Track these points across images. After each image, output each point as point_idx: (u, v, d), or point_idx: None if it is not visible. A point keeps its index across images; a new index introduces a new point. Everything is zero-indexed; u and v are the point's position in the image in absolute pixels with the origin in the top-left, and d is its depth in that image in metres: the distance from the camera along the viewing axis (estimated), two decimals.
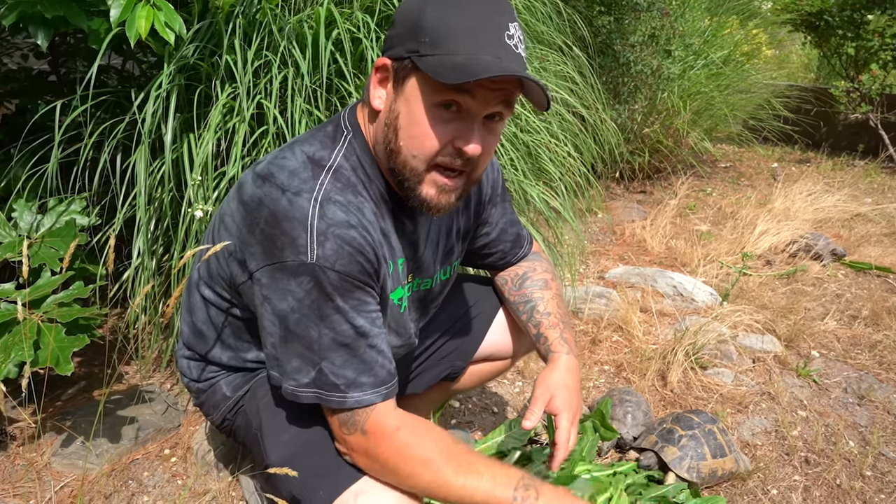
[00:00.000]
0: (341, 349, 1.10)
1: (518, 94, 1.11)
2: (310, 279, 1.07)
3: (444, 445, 1.12)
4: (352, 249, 1.09)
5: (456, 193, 1.15)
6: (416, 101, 1.07)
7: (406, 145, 1.10)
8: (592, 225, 4.14)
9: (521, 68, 1.06)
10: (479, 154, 1.09)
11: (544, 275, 1.58)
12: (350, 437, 1.13)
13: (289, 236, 1.07)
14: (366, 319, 1.12)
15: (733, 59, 5.37)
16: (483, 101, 1.06)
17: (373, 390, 1.12)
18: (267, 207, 1.10)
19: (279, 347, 1.13)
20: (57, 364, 1.69)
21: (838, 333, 2.84)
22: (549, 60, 2.68)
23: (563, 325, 1.49)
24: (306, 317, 1.09)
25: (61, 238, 1.99)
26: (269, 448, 1.23)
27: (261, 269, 1.11)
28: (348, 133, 1.20)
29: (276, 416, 1.24)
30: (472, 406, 2.26)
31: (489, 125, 1.11)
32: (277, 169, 1.14)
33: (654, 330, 2.79)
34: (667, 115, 4.74)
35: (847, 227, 4.26)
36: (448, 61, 1.02)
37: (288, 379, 1.14)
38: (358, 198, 1.15)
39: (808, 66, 8.72)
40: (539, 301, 1.52)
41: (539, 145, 2.39)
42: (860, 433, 2.17)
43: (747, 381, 2.43)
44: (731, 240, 3.85)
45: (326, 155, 1.16)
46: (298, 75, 1.92)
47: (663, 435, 1.90)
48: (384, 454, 1.11)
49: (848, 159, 6.21)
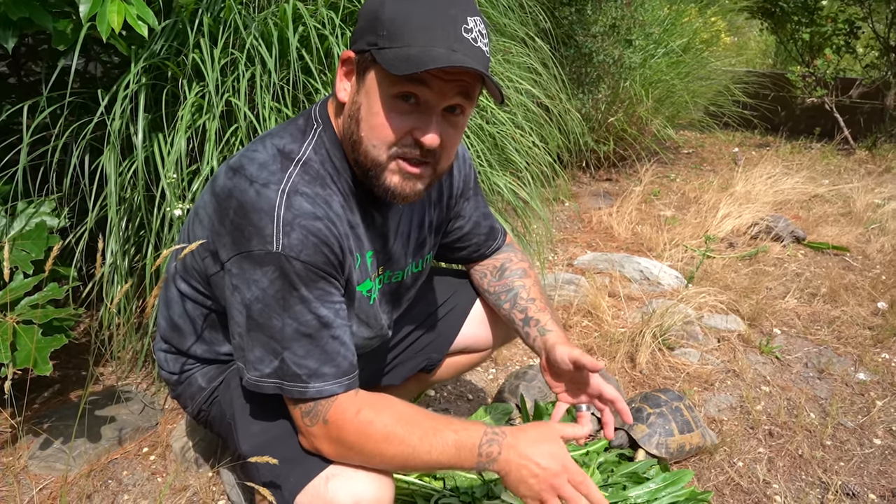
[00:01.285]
0: (304, 339, 1.13)
1: (478, 87, 1.13)
2: (275, 268, 1.10)
3: (405, 416, 1.14)
4: (317, 240, 1.11)
5: (422, 182, 1.17)
6: (375, 93, 1.10)
7: (366, 136, 1.13)
8: (560, 213, 4.21)
9: (479, 61, 1.07)
10: (436, 145, 1.11)
11: (521, 264, 1.61)
12: (313, 428, 1.15)
13: (256, 226, 1.10)
14: (329, 310, 1.14)
15: (693, 47, 5.48)
16: (440, 92, 1.08)
17: (335, 381, 1.14)
18: (236, 199, 1.13)
19: (244, 337, 1.16)
20: (35, 365, 1.69)
21: (799, 311, 2.94)
22: (513, 52, 2.72)
23: (551, 310, 1.52)
24: (269, 307, 1.11)
25: (32, 240, 1.98)
26: (241, 437, 1.26)
27: (230, 259, 1.14)
28: (318, 126, 1.22)
29: (248, 405, 1.27)
30: (447, 394, 2.30)
31: (450, 118, 1.13)
32: (248, 161, 1.17)
33: (622, 314, 2.86)
34: (630, 103, 4.83)
35: (806, 209, 4.39)
36: (402, 54, 1.05)
37: (251, 369, 1.16)
38: (326, 190, 1.18)
39: (767, 52, 8.91)
40: (521, 289, 1.56)
41: (505, 136, 2.44)
42: (820, 405, 2.27)
43: (713, 360, 2.51)
44: (695, 224, 3.95)
45: (296, 148, 1.19)
46: (266, 72, 1.94)
47: (632, 413, 1.96)
48: (348, 438, 1.13)
49: (805, 142, 6.38)
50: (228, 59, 1.96)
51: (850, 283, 3.23)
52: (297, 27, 2.00)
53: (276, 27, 1.98)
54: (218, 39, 1.92)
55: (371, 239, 1.29)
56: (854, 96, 6.27)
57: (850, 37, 6.03)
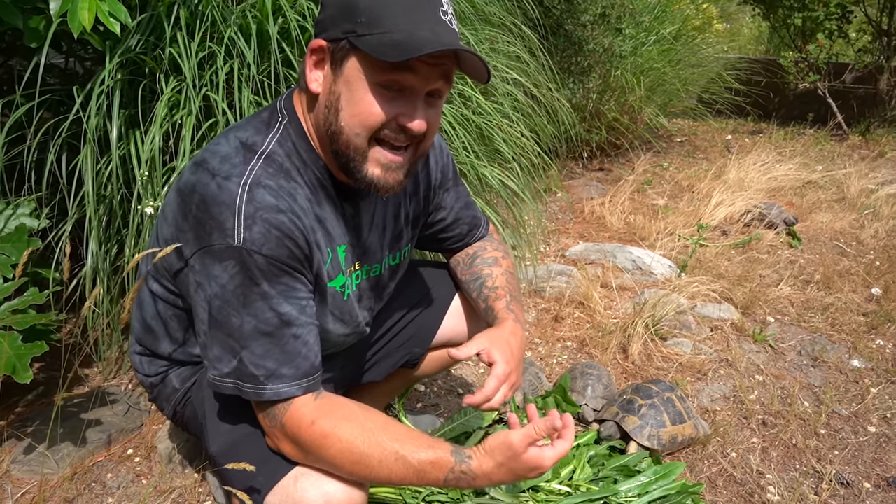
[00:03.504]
0: (263, 338, 1.10)
1: (455, 68, 1.12)
2: (235, 263, 1.07)
3: (365, 430, 1.10)
4: (280, 234, 1.09)
5: (403, 170, 1.15)
6: (358, 81, 1.08)
7: (348, 125, 1.10)
8: (552, 204, 4.18)
9: (458, 42, 1.07)
10: (423, 130, 1.10)
11: (494, 253, 1.59)
12: (274, 430, 1.14)
13: (217, 220, 1.07)
14: (293, 306, 1.12)
15: (684, 34, 5.45)
16: (425, 77, 1.07)
17: (293, 382, 1.12)
18: (198, 193, 1.10)
19: (207, 335, 1.13)
20: (14, 372, 1.66)
21: (792, 298, 2.92)
22: (499, 41, 2.68)
23: (511, 297, 1.49)
24: (229, 303, 1.09)
25: (12, 243, 1.95)
26: (211, 437, 1.24)
27: (193, 255, 1.11)
28: (283, 118, 1.19)
29: (217, 405, 1.25)
30: (437, 389, 2.27)
31: (431, 101, 1.12)
32: (210, 155, 1.14)
33: (614, 304, 2.84)
34: (621, 92, 4.79)
35: (799, 195, 4.37)
36: (387, 39, 1.03)
37: (210, 368, 1.14)
38: (291, 183, 1.15)
39: (759, 39, 8.87)
40: (487, 277, 1.53)
41: (492, 127, 2.40)
42: (814, 393, 2.25)
43: (706, 350, 2.49)
44: (688, 212, 3.93)
45: (259, 140, 1.16)
46: (245, 66, 1.90)
47: (623, 405, 1.94)
48: (306, 445, 1.11)
49: (798, 128, 6.35)
50: (206, 52, 1.92)
51: (844, 269, 3.21)
52: (277, 19, 1.96)
53: (256, 20, 1.94)
54: (195, 33, 1.88)
55: (343, 233, 1.26)
56: (847, 81, 6.24)
57: (843, 21, 5.98)
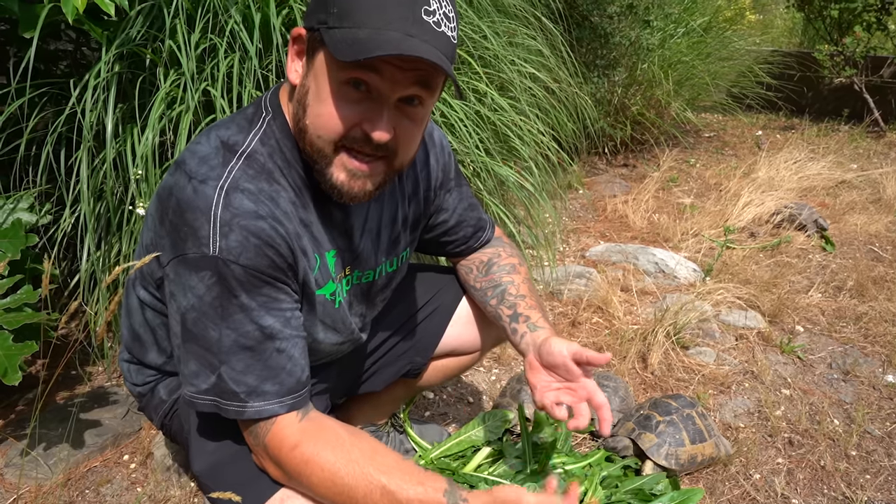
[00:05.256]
0: (244, 352, 1.03)
1: (441, 76, 1.00)
2: (212, 274, 0.99)
3: (351, 459, 1.04)
4: (259, 242, 1.01)
5: (372, 181, 1.05)
6: (324, 77, 0.98)
7: (312, 124, 1.01)
8: (573, 201, 4.06)
9: (441, 47, 0.95)
10: (385, 140, 0.99)
11: (511, 259, 1.49)
12: (257, 448, 1.09)
13: (191, 227, 1.00)
14: (276, 318, 1.04)
15: (715, 26, 5.27)
16: (392, 81, 0.96)
17: (276, 400, 1.05)
18: (175, 196, 1.03)
19: (182, 349, 1.06)
20: (4, 374, 1.61)
21: (823, 306, 2.78)
22: (519, 34, 2.57)
23: (541, 308, 1.40)
24: (206, 315, 1.01)
25: (8, 239, 1.89)
26: (195, 455, 1.18)
27: (169, 263, 1.04)
28: (267, 115, 1.10)
29: (203, 422, 1.18)
30: (446, 397, 2.19)
31: (406, 109, 1.01)
32: (189, 155, 1.06)
33: (635, 309, 2.73)
34: (647, 86, 4.65)
35: (832, 195, 4.19)
36: (349, 36, 0.93)
37: (186, 384, 1.07)
38: (273, 186, 1.06)
39: (793, 31, 8.60)
40: (510, 284, 1.44)
41: (508, 124, 2.30)
42: (845, 411, 2.12)
43: (730, 360, 2.37)
44: (715, 212, 3.78)
45: (241, 139, 1.08)
46: (247, 59, 1.82)
47: (640, 421, 1.83)
48: (287, 469, 1.06)
49: (833, 125, 6.13)
50: (208, 44, 1.84)
51: (879, 275, 3.05)
52: (281, 10, 1.88)
53: (259, 10, 1.85)
54: (196, 23, 1.81)
55: (332, 237, 1.17)
56: (885, 76, 6.00)
57: (882, 13, 5.74)
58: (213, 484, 1.15)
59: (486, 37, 2.27)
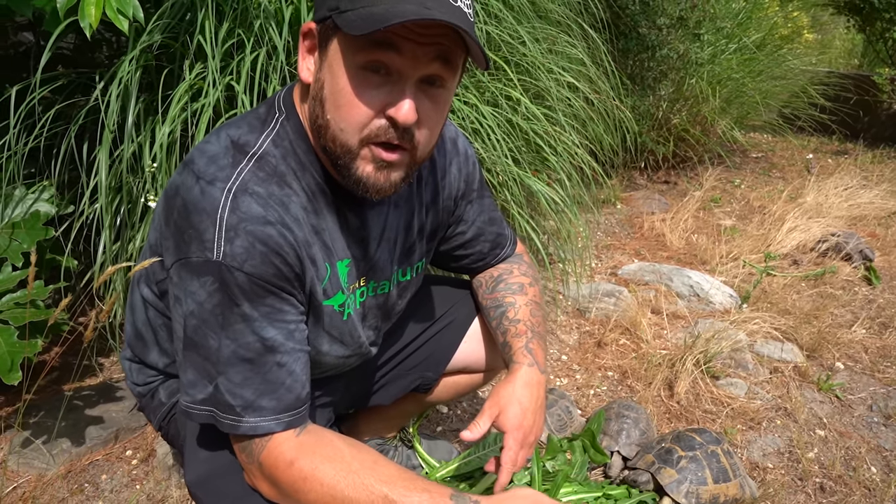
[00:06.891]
0: (242, 364, 0.97)
1: (461, 52, 0.94)
2: (214, 280, 0.94)
3: (350, 471, 1.00)
4: (266, 249, 0.95)
5: (399, 172, 0.99)
6: (339, 65, 0.92)
7: (333, 118, 0.95)
8: (609, 216, 3.95)
9: (456, 19, 0.87)
10: (412, 121, 0.92)
11: (521, 278, 1.41)
12: (250, 466, 1.03)
13: (196, 229, 0.95)
14: (279, 331, 0.99)
15: (769, 43, 5.08)
16: (412, 57, 0.90)
17: (273, 417, 0.99)
18: (181, 196, 0.98)
19: (182, 355, 1.01)
20: (7, 371, 1.58)
21: (867, 343, 2.63)
22: (559, 42, 2.48)
23: (532, 334, 1.33)
24: (206, 323, 0.96)
25: (26, 230, 1.88)
26: (188, 464, 1.13)
27: (172, 266, 0.99)
28: (281, 115, 1.05)
29: (198, 431, 1.13)
30: (460, 412, 2.11)
31: (428, 90, 0.95)
32: (198, 154, 1.01)
33: (664, 333, 2.61)
34: (694, 102, 4.50)
35: (884, 226, 3.99)
36: (364, 13, 0.86)
37: (183, 393, 1.02)
38: (284, 189, 1.01)
39: (852, 52, 8.32)
40: (510, 307, 1.37)
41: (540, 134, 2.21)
42: (884, 458, 1.98)
43: (762, 394, 2.24)
44: (757, 236, 3.63)
45: (252, 140, 1.02)
46: (275, 55, 1.78)
47: (661, 455, 1.73)
48: (283, 487, 1.01)
49: (889, 151, 5.87)
50: (235, 39, 1.80)
51: None
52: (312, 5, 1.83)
53: (290, 4, 1.81)
54: (225, 17, 1.77)
55: (346, 246, 1.11)
56: None
57: None
58: (205, 496, 1.11)
59: (525, 42, 2.19)
